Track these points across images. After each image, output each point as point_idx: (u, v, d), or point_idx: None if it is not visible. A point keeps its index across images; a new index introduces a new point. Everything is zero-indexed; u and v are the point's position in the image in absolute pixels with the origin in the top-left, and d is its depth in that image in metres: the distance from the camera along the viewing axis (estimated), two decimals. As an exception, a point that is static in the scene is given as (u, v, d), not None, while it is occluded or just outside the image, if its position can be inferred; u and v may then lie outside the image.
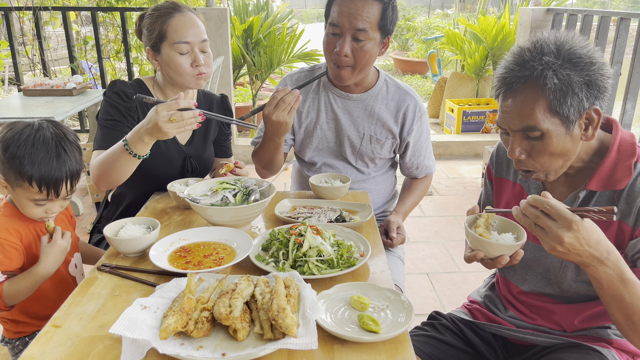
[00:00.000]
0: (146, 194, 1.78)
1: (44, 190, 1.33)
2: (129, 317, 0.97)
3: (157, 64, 1.72)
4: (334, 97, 1.87)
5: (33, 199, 1.35)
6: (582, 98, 1.05)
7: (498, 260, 1.13)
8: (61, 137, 1.36)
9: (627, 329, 1.06)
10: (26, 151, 1.30)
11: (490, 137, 5.25)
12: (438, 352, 1.37)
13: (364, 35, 1.66)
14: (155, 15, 1.67)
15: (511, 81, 1.09)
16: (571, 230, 0.97)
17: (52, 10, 4.42)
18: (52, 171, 1.32)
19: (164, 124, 1.36)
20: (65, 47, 4.82)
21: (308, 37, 5.16)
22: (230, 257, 1.28)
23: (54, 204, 1.39)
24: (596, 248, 0.99)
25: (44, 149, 1.31)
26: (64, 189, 1.36)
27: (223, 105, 1.96)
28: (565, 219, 0.97)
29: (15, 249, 1.36)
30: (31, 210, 1.38)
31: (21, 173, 1.30)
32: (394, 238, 1.75)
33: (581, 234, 0.97)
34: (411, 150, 1.93)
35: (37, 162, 1.30)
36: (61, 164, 1.33)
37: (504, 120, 1.13)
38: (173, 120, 1.36)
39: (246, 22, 4.92)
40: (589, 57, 1.06)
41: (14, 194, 1.37)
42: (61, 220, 1.55)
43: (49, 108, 3.30)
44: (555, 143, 1.09)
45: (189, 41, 1.65)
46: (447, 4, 18.38)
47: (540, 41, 1.08)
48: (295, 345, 0.91)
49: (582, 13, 3.61)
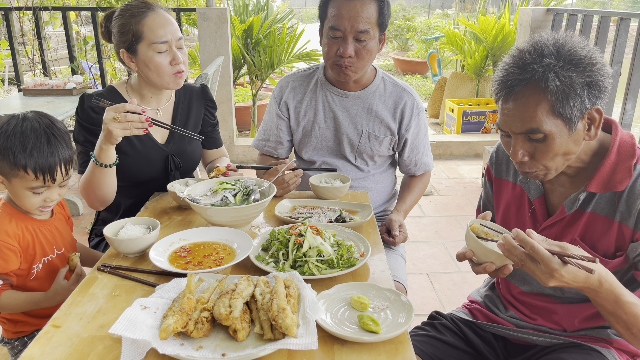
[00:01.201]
0: (139, 198, 1.76)
1: (40, 177, 1.33)
2: (129, 317, 0.97)
3: (133, 66, 1.66)
4: (331, 95, 1.88)
5: (30, 187, 1.34)
6: (584, 99, 1.05)
7: (483, 267, 1.11)
8: (48, 125, 1.36)
9: (628, 337, 1.09)
10: (16, 140, 1.30)
11: (490, 137, 5.25)
12: (438, 352, 1.37)
13: (366, 35, 1.68)
14: (127, 15, 1.61)
15: (512, 84, 1.08)
16: (554, 278, 0.99)
17: (52, 10, 4.42)
18: (45, 156, 1.32)
19: (110, 122, 1.39)
20: (65, 47, 4.82)
21: (308, 37, 5.15)
22: (230, 257, 1.28)
23: (52, 191, 1.39)
24: (586, 283, 1.01)
25: (34, 136, 1.32)
26: (59, 173, 1.36)
27: (204, 96, 1.91)
28: (547, 266, 0.98)
29: (12, 251, 1.36)
30: (30, 200, 1.37)
31: (15, 162, 1.30)
32: (396, 236, 1.75)
33: (565, 278, 0.99)
34: (409, 147, 1.94)
35: (28, 149, 1.30)
36: (53, 149, 1.34)
37: (505, 123, 1.12)
38: (116, 119, 1.39)
39: (246, 22, 4.92)
40: (590, 58, 1.05)
41: (11, 187, 1.36)
42: (59, 220, 1.55)
43: (49, 108, 3.30)
44: (559, 144, 1.09)
45: (167, 40, 1.61)
46: (447, 4, 18.38)
47: (540, 43, 1.08)
48: (295, 346, 0.91)
49: (582, 13, 3.61)
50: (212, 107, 1.93)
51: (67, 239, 1.55)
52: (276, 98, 1.96)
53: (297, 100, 1.92)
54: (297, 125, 1.93)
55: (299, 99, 1.92)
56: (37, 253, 1.43)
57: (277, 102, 1.95)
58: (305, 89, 1.92)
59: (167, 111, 1.81)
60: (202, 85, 1.92)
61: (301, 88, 1.93)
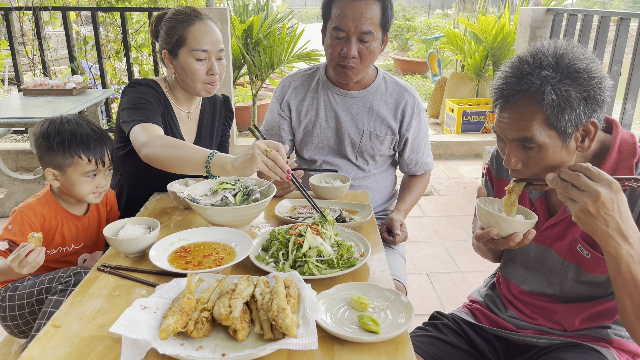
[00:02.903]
0: (151, 192, 1.79)
1: (92, 160, 1.53)
2: (129, 317, 0.97)
3: (172, 68, 1.73)
4: (332, 95, 1.88)
5: (85, 172, 1.53)
6: (580, 113, 1.05)
7: (511, 238, 1.12)
8: (87, 121, 1.58)
9: (634, 317, 1.04)
10: (66, 134, 1.51)
11: (490, 137, 5.25)
12: (440, 352, 1.37)
13: (369, 36, 1.69)
14: (176, 19, 1.68)
15: (509, 94, 1.08)
16: (611, 189, 0.97)
17: (52, 10, 4.42)
18: (93, 142, 1.54)
19: (258, 153, 1.33)
20: (65, 47, 4.82)
21: (308, 37, 5.15)
22: (230, 257, 1.28)
23: (101, 176, 1.57)
24: (625, 221, 0.99)
25: (79, 129, 1.53)
26: (107, 157, 1.57)
27: (225, 106, 2.00)
28: (607, 179, 0.98)
29: (32, 228, 1.50)
30: (84, 187, 1.54)
31: (70, 151, 1.50)
32: (397, 235, 1.75)
33: (618, 197, 0.98)
34: (410, 147, 1.94)
35: (78, 138, 1.52)
36: (97, 135, 1.55)
37: (500, 129, 1.14)
38: (267, 152, 1.34)
39: (246, 22, 4.92)
40: (588, 72, 1.05)
41: (66, 178, 1.53)
42: (91, 219, 1.66)
43: (49, 108, 3.30)
44: (552, 155, 1.10)
45: (207, 49, 1.67)
46: (447, 4, 18.38)
47: (540, 53, 1.07)
48: (295, 346, 0.91)
49: (582, 13, 3.61)
50: (230, 118, 2.02)
51: (92, 236, 1.67)
52: (278, 98, 1.97)
53: (298, 99, 1.93)
54: (299, 125, 1.94)
55: (300, 98, 1.93)
56: (55, 240, 1.57)
57: (279, 101, 1.96)
58: (306, 89, 1.93)
59: (195, 116, 1.88)
60: (223, 96, 2.01)
61: (303, 87, 1.93)
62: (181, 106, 1.82)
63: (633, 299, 1.03)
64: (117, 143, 1.80)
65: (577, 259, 1.23)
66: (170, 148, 1.48)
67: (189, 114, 1.85)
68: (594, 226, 0.99)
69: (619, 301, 1.06)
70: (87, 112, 4.21)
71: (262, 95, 5.86)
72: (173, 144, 1.49)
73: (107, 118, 4.88)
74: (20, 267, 1.33)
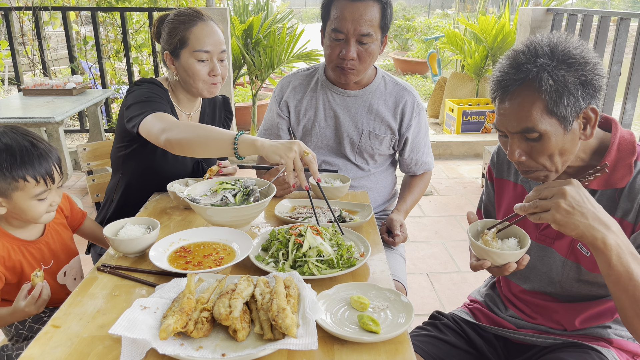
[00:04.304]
0: (151, 192, 1.79)
1: (41, 180, 1.34)
2: (129, 317, 0.97)
3: (174, 69, 1.73)
4: (332, 94, 1.88)
5: (35, 195, 1.35)
6: (579, 98, 1.06)
7: (505, 268, 1.14)
8: (25, 133, 1.38)
9: (633, 313, 1.03)
10: (3, 156, 1.31)
11: (490, 137, 5.25)
12: (440, 352, 1.37)
13: (368, 38, 1.68)
14: (178, 20, 1.68)
15: (507, 84, 1.09)
16: (572, 185, 1.01)
17: (52, 10, 4.42)
18: (37, 160, 1.34)
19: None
20: (65, 47, 4.82)
21: (308, 37, 5.15)
22: (230, 257, 1.28)
23: (53, 193, 1.40)
24: (599, 210, 1.01)
25: (18, 147, 1.33)
26: (55, 173, 1.38)
27: (225, 107, 2.01)
28: (564, 180, 1.03)
29: None
30: (37, 210, 1.37)
31: (13, 175, 1.31)
32: (397, 236, 1.75)
33: (583, 191, 1.01)
34: (410, 146, 1.94)
35: (19, 159, 1.32)
36: (40, 151, 1.36)
37: (501, 123, 1.14)
38: (306, 154, 1.34)
39: (246, 22, 4.92)
40: (583, 57, 1.06)
41: (13, 204, 1.35)
42: (52, 233, 1.52)
43: (49, 108, 3.30)
44: (554, 143, 1.10)
45: (209, 50, 1.67)
46: (447, 4, 18.37)
47: (534, 43, 1.09)
48: (295, 346, 0.91)
49: (582, 13, 3.61)
50: (230, 119, 2.03)
51: (61, 249, 1.53)
52: (277, 97, 1.97)
53: (297, 99, 1.93)
54: (298, 124, 1.94)
55: (299, 98, 1.93)
56: (24, 272, 1.42)
57: (278, 101, 1.96)
58: (305, 88, 1.92)
59: (195, 118, 1.88)
60: (223, 97, 2.02)
61: (302, 87, 1.93)
62: (182, 108, 1.82)
63: (628, 293, 1.01)
64: (118, 143, 1.79)
65: (577, 258, 1.23)
66: (194, 129, 1.44)
67: (190, 115, 1.85)
68: (575, 223, 1.00)
69: (616, 299, 1.05)
70: (87, 112, 4.21)
71: (262, 95, 5.86)
72: (197, 126, 1.46)
73: (107, 118, 4.88)
74: (37, 308, 1.30)
